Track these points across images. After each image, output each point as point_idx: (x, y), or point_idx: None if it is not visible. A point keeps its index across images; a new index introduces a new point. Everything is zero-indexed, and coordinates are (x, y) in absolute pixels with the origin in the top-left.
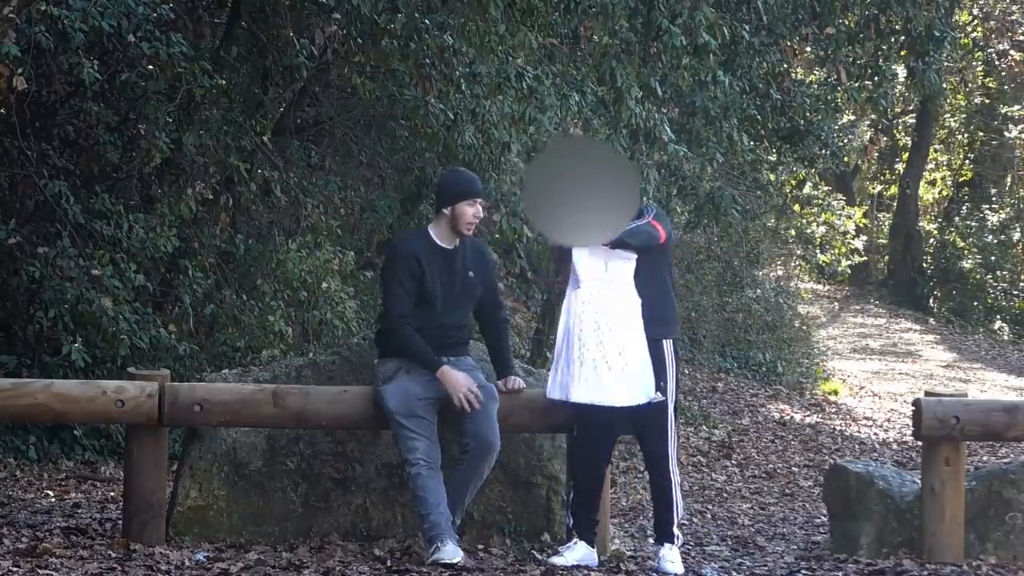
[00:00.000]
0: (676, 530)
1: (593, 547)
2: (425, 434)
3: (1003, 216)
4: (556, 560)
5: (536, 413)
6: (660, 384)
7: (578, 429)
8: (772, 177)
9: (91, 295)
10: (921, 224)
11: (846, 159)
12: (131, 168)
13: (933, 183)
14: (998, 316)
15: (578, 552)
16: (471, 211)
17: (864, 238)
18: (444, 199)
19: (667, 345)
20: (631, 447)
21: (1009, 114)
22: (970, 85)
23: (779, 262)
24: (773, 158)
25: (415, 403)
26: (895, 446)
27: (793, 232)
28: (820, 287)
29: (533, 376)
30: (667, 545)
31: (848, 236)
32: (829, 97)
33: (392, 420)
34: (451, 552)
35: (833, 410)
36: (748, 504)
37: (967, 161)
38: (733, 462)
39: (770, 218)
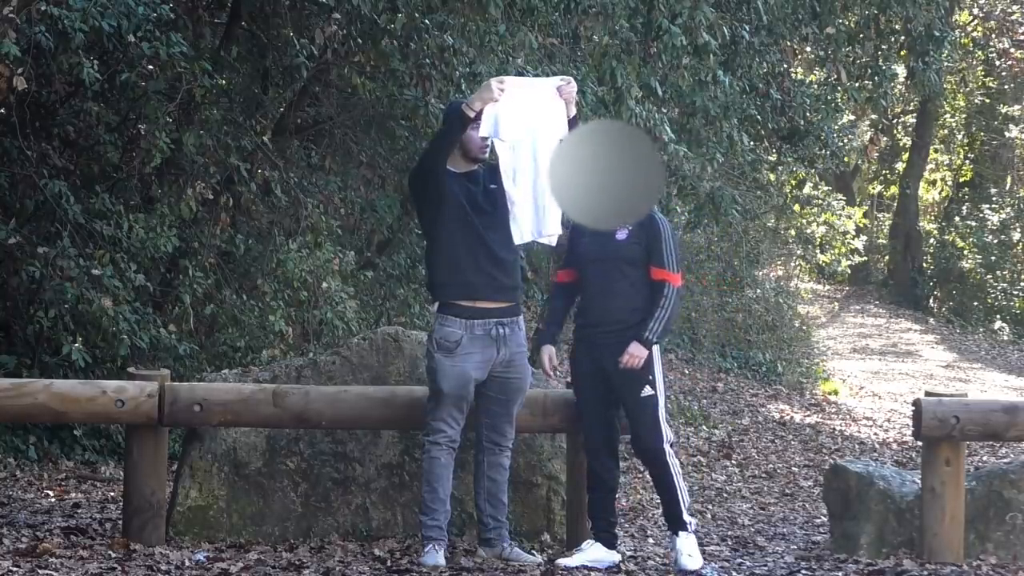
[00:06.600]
0: (688, 517)
1: (613, 549)
2: (460, 420)
3: (1003, 216)
4: (562, 561)
5: (536, 413)
6: (649, 378)
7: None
8: (772, 177)
9: (91, 295)
10: (921, 224)
11: (846, 159)
12: (131, 168)
13: (933, 183)
14: (998, 316)
15: (590, 554)
16: (479, 138)
17: (864, 238)
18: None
19: (655, 347)
20: (631, 447)
21: (1009, 114)
22: (970, 85)
23: (779, 262)
24: (773, 158)
25: (467, 388)
26: (895, 446)
27: (793, 232)
28: (820, 287)
29: (533, 376)
30: (681, 534)
31: (848, 236)
32: (829, 97)
33: (436, 397)
34: (435, 560)
35: (833, 410)
36: (748, 504)
37: (967, 161)
38: (733, 462)
39: (770, 218)
